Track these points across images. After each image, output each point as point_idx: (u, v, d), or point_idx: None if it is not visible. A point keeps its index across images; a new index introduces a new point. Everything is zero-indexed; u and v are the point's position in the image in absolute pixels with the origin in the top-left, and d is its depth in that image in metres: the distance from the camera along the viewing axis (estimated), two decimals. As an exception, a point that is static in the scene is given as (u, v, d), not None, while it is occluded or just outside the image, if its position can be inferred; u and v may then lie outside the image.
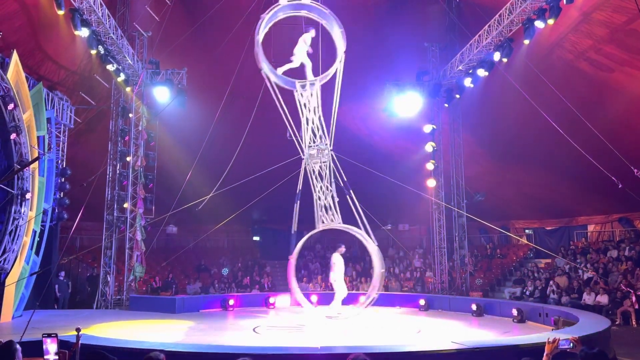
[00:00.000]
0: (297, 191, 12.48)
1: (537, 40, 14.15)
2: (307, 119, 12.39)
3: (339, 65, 12.48)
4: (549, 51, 15.09)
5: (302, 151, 12.56)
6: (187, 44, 17.23)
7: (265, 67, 12.36)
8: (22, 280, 13.38)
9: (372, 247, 12.58)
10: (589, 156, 12.87)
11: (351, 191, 12.35)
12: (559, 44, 14.83)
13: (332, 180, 12.39)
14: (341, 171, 12.48)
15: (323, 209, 12.33)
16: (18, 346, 4.09)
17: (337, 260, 13.42)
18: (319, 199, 12.32)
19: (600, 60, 14.59)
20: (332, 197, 12.28)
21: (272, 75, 12.48)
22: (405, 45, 18.32)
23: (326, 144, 12.42)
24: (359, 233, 12.46)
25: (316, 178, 12.44)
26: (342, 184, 12.37)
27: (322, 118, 12.52)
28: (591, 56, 14.62)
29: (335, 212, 12.30)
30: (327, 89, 12.83)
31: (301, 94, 12.41)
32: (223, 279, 21.53)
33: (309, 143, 12.42)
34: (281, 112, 12.44)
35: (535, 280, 17.44)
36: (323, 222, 12.31)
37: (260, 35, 12.35)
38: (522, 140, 18.34)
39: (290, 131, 12.61)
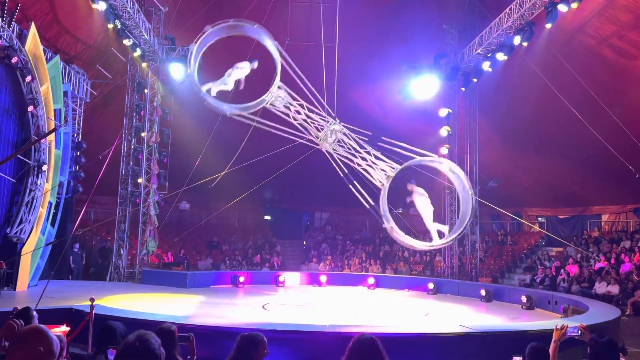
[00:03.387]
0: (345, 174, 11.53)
1: (559, 25, 13.84)
2: (295, 119, 11.71)
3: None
4: (571, 36, 14.77)
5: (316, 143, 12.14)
6: (204, 20, 17.12)
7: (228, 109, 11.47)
8: (37, 251, 13.63)
9: (443, 162, 11.71)
10: (607, 144, 12.67)
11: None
12: (582, 29, 14.50)
13: (362, 144, 11.60)
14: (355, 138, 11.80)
15: (374, 170, 11.57)
16: (35, 313, 4.20)
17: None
18: (360, 165, 11.43)
19: (623, 47, 14.26)
20: (372, 154, 11.52)
21: (241, 110, 11.52)
22: (423, 27, 18.04)
23: (331, 121, 11.82)
24: (422, 159, 11.50)
25: (347, 151, 11.71)
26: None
27: (311, 104, 11.82)
28: (614, 42, 14.29)
29: (385, 161, 11.28)
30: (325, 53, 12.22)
31: (273, 104, 11.67)
32: (234, 256, 21.75)
33: (317, 134, 11.89)
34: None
35: (545, 268, 17.37)
36: (383, 178, 11.21)
37: (194, 69, 11.23)
38: (539, 127, 18.10)
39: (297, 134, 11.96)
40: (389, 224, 11.19)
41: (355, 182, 11.53)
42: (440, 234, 11.73)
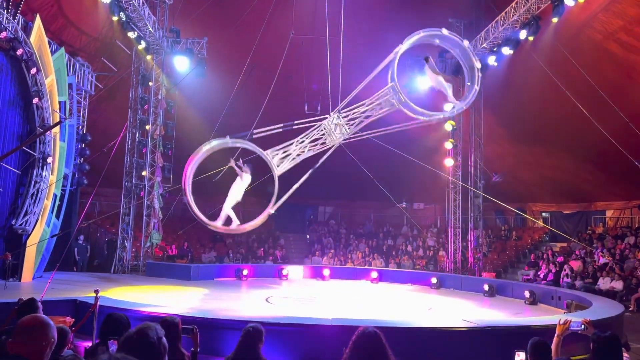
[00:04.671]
0: None
1: (566, 19, 13.75)
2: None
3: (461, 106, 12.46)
4: (577, 31, 14.65)
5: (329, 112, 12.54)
6: (208, 13, 17.11)
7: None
8: (42, 242, 13.70)
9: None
10: (613, 140, 12.58)
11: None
12: (588, 24, 14.38)
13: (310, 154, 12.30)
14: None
15: (284, 152, 12.17)
16: (40, 304, 4.23)
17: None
18: (294, 145, 12.22)
19: (630, 41, 14.14)
20: (295, 158, 12.19)
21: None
22: (429, 21, 17.92)
23: (330, 119, 12.28)
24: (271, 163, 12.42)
25: (312, 141, 12.38)
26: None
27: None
28: (621, 37, 14.17)
29: (284, 164, 12.36)
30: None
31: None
32: (238, 249, 21.82)
33: (341, 116, 12.33)
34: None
35: (549, 264, 17.34)
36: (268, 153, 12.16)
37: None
38: (544, 121, 18.00)
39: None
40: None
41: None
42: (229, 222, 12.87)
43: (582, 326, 4.02)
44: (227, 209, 12.85)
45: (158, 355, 2.39)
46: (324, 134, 12.32)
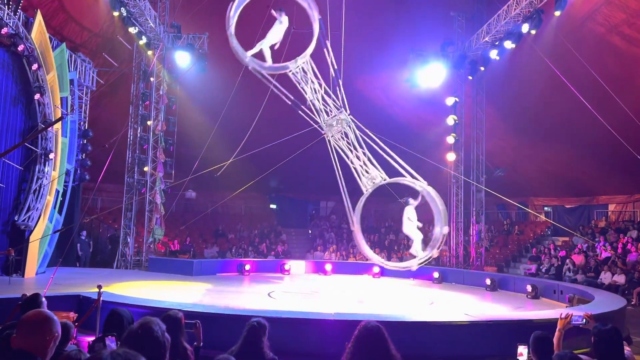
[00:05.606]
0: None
1: (568, 12, 13.69)
2: (311, 97, 11.86)
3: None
4: (580, 24, 14.60)
5: (321, 126, 12.25)
6: (209, 8, 17.05)
7: (250, 62, 11.54)
8: (45, 238, 13.75)
9: (424, 187, 11.64)
10: (616, 133, 12.55)
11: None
12: (591, 17, 14.33)
13: (361, 142, 11.89)
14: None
15: (363, 173, 11.85)
16: (44, 299, 4.25)
17: (410, 214, 12.55)
18: (353, 163, 11.73)
19: (633, 34, 14.09)
20: (367, 157, 11.83)
21: (262, 68, 11.74)
22: (430, 14, 17.87)
23: (341, 110, 12.04)
24: (406, 180, 11.66)
25: (347, 145, 12.00)
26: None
27: (327, 88, 12.00)
28: (624, 30, 14.12)
29: (377, 169, 11.63)
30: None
31: (296, 74, 11.83)
32: (240, 244, 21.85)
33: (324, 118, 12.04)
34: (285, 98, 11.98)
35: (551, 258, 17.33)
36: (369, 184, 11.54)
37: (231, 28, 11.27)
38: (546, 115, 17.96)
39: (303, 107, 12.16)
40: (355, 227, 11.72)
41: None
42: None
43: (584, 320, 4.02)
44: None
45: (162, 349, 2.40)
46: (339, 132, 12.11)
